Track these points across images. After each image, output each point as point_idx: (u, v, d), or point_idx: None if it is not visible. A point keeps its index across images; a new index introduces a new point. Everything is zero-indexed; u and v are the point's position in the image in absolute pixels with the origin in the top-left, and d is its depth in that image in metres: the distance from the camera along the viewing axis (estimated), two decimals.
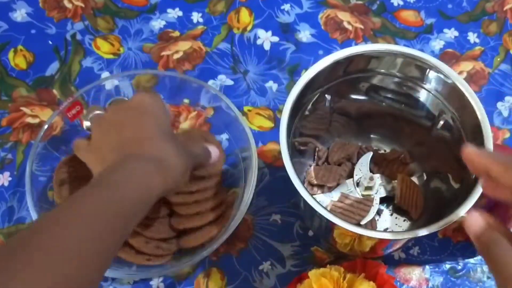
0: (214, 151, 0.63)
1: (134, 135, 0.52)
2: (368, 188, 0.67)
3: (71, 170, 0.67)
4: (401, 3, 0.85)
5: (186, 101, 0.73)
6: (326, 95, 0.64)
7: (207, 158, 0.62)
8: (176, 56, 0.80)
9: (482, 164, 0.44)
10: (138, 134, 0.53)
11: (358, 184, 0.68)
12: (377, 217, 0.68)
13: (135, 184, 0.47)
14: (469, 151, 0.45)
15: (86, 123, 0.62)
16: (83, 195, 0.45)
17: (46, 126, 0.67)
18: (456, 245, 0.69)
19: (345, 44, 0.81)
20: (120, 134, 0.53)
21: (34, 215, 0.62)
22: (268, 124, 0.75)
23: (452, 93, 0.59)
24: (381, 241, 0.59)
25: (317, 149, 0.69)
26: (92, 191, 0.45)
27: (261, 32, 0.82)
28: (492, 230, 0.42)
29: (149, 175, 0.49)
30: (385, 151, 0.71)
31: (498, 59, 0.80)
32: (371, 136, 0.71)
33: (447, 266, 0.68)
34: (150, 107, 0.55)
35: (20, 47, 0.80)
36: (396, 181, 0.68)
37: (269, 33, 0.82)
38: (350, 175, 0.69)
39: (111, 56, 0.80)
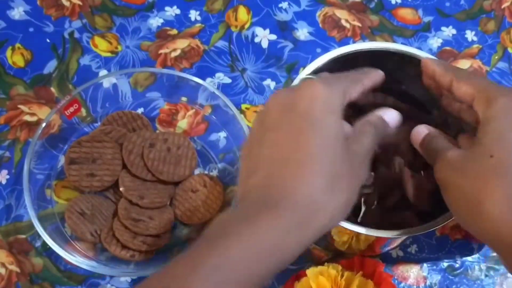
0: (391, 118, 0.49)
1: (285, 155, 0.39)
2: (367, 186, 0.67)
3: (82, 150, 0.67)
4: (399, 1, 0.85)
5: (184, 99, 0.73)
6: None
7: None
8: (174, 54, 0.80)
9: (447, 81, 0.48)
10: (290, 153, 0.39)
11: None
12: None
13: (258, 251, 0.36)
14: (432, 67, 0.50)
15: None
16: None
17: (44, 124, 0.67)
18: (454, 243, 0.69)
19: (343, 42, 0.81)
20: (272, 147, 0.41)
21: (32, 213, 0.62)
22: None
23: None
24: (379, 239, 0.59)
25: None
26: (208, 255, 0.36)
27: (259, 30, 0.82)
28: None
29: (282, 236, 0.37)
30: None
31: (496, 57, 0.81)
32: None
33: (445, 264, 0.68)
34: (318, 109, 0.40)
35: (17, 45, 0.80)
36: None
37: (267, 31, 0.82)
38: None
39: (109, 54, 0.80)
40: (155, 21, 0.82)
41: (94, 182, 0.67)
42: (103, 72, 0.78)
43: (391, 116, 0.48)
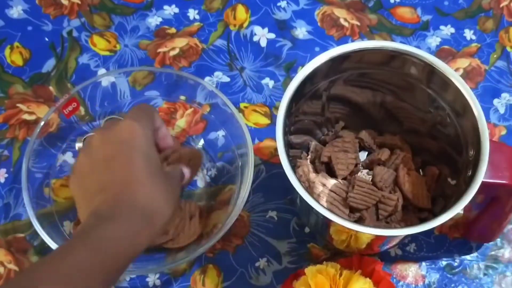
0: (186, 173, 0.58)
1: (124, 177, 0.49)
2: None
3: None
4: (398, 0, 0.85)
5: (182, 97, 0.73)
6: (322, 92, 0.64)
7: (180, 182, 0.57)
8: (172, 53, 0.80)
9: None
10: (128, 176, 0.49)
11: None
12: None
13: (119, 242, 0.46)
14: None
15: (79, 144, 0.66)
16: (65, 251, 0.44)
17: (42, 123, 0.66)
18: (453, 241, 0.69)
19: (342, 41, 0.81)
20: (109, 173, 0.50)
21: (30, 212, 0.62)
22: (265, 120, 0.75)
23: (448, 90, 0.59)
24: (378, 237, 0.59)
25: (312, 145, 0.69)
26: (75, 247, 0.44)
27: (257, 29, 0.82)
28: None
29: (136, 233, 0.47)
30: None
31: (495, 56, 0.81)
32: (367, 132, 0.71)
33: (443, 262, 0.68)
34: (139, 141, 0.51)
35: (16, 43, 0.80)
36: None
37: (266, 30, 0.82)
38: None
39: (107, 53, 0.80)
40: (153, 20, 0.82)
41: None
42: (101, 71, 0.78)
43: (186, 173, 0.57)
